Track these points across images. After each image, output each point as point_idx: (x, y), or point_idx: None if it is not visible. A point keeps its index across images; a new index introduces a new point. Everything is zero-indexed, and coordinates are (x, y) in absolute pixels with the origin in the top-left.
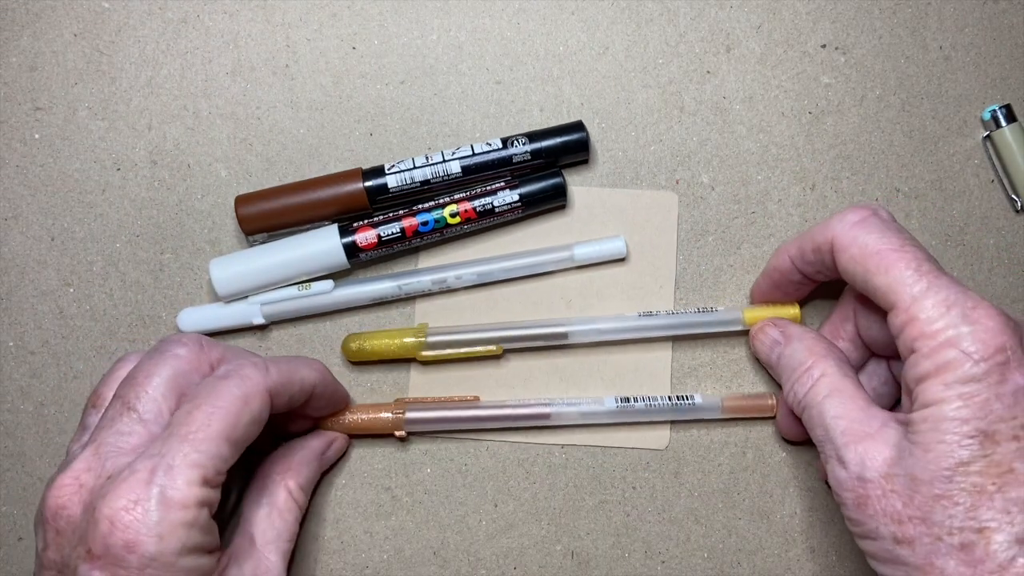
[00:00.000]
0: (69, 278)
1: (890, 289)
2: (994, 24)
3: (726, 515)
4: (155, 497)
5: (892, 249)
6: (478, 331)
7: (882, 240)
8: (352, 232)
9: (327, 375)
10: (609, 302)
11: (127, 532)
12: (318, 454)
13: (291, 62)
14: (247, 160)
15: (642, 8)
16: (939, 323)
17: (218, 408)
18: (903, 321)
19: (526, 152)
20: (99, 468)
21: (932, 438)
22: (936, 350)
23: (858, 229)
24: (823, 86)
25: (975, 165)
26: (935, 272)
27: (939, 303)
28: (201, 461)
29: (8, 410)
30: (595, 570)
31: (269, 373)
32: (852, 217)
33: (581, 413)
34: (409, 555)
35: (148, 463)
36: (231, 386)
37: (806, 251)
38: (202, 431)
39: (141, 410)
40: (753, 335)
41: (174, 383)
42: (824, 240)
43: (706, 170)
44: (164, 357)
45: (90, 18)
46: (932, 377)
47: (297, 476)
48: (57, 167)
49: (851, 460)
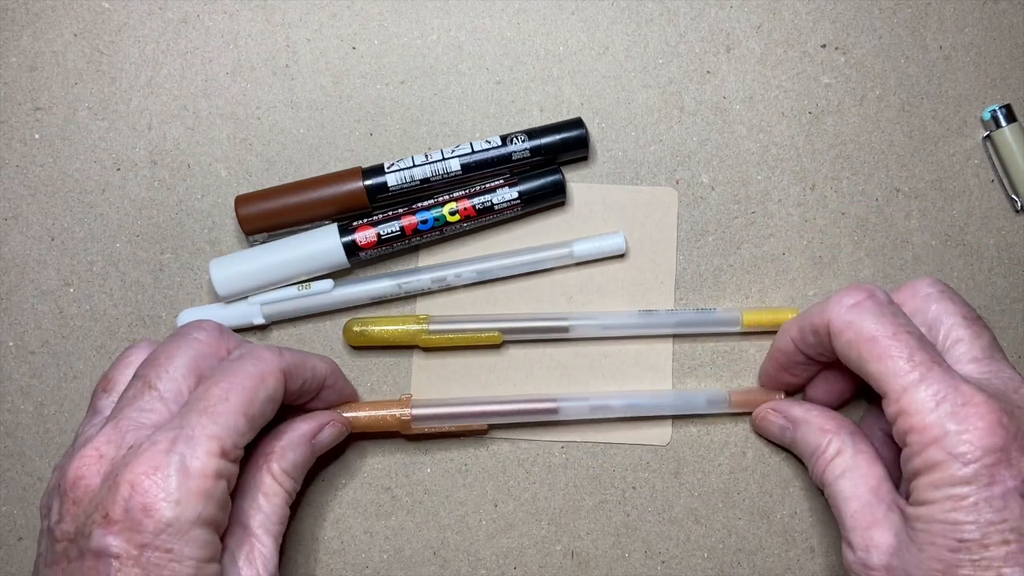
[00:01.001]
0: (69, 278)
1: (882, 377)
2: (994, 24)
3: (726, 515)
4: (175, 464)
5: (885, 336)
6: (480, 320)
7: (877, 326)
8: (352, 231)
9: (338, 370)
10: (609, 299)
11: (146, 496)
12: (307, 437)
13: (291, 62)
14: (247, 160)
15: (642, 8)
16: (928, 418)
17: (235, 384)
18: (894, 412)
19: (525, 149)
20: (119, 441)
21: (924, 539)
22: (925, 447)
23: (853, 313)
24: (823, 86)
25: (975, 165)
26: (928, 362)
27: (929, 397)
28: (219, 433)
29: (8, 410)
30: (595, 570)
31: (283, 356)
32: (848, 300)
33: (591, 407)
34: (409, 555)
35: (168, 434)
36: (247, 364)
37: (806, 333)
38: (220, 405)
39: (162, 388)
40: (757, 422)
41: (194, 364)
42: (821, 323)
43: (706, 170)
44: (185, 340)
45: (90, 18)
46: (922, 475)
47: (281, 459)
48: (57, 167)
49: (858, 544)
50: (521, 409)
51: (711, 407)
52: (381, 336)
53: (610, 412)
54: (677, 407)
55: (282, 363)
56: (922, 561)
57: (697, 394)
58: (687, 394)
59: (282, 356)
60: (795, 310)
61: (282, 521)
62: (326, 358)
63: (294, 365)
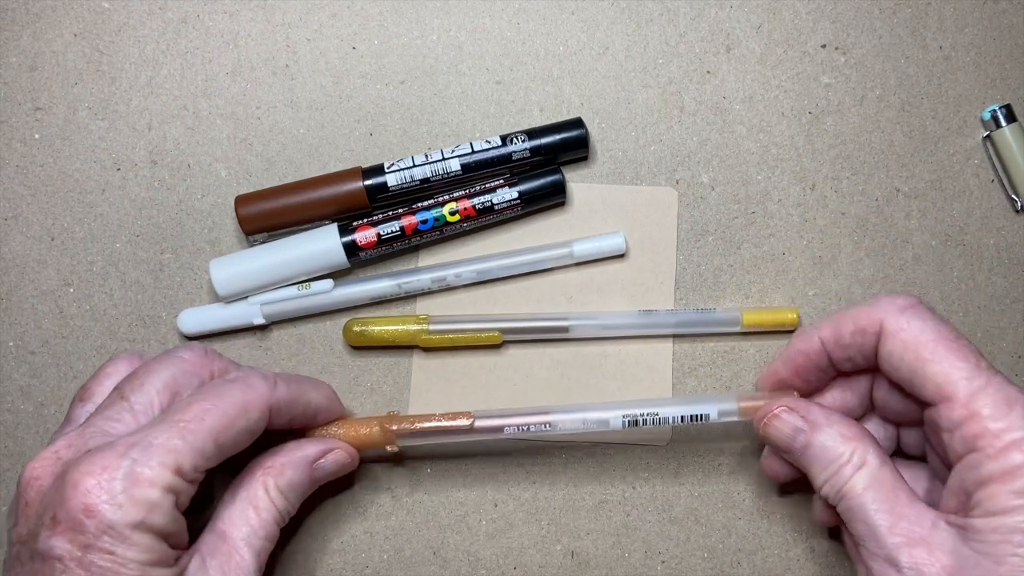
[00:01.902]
0: (69, 278)
1: (947, 379)
2: (994, 24)
3: (726, 515)
4: (124, 468)
5: (950, 338)
6: (480, 320)
7: (938, 328)
8: (352, 231)
9: (335, 402)
10: (609, 299)
11: (88, 496)
12: (308, 460)
13: (291, 62)
14: (247, 160)
15: (642, 8)
16: (1003, 422)
17: (216, 406)
18: (961, 416)
19: (525, 149)
20: (80, 444)
21: (1004, 550)
22: (1002, 452)
23: (910, 315)
24: (823, 86)
25: (975, 165)
26: (991, 368)
27: (1000, 401)
28: (181, 449)
29: (8, 410)
30: (595, 570)
31: (276, 388)
32: (900, 302)
33: (584, 420)
34: (409, 555)
35: (127, 439)
36: (234, 389)
37: (843, 334)
38: (193, 423)
39: (133, 400)
40: (766, 421)
41: (171, 381)
42: (870, 322)
43: (706, 170)
44: (169, 358)
45: (90, 18)
46: (998, 482)
47: (279, 476)
48: (57, 167)
49: (906, 565)
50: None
51: (721, 416)
52: (381, 336)
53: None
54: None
55: (272, 397)
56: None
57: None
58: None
59: (275, 389)
60: (795, 310)
61: (268, 538)
62: (325, 388)
63: (286, 401)
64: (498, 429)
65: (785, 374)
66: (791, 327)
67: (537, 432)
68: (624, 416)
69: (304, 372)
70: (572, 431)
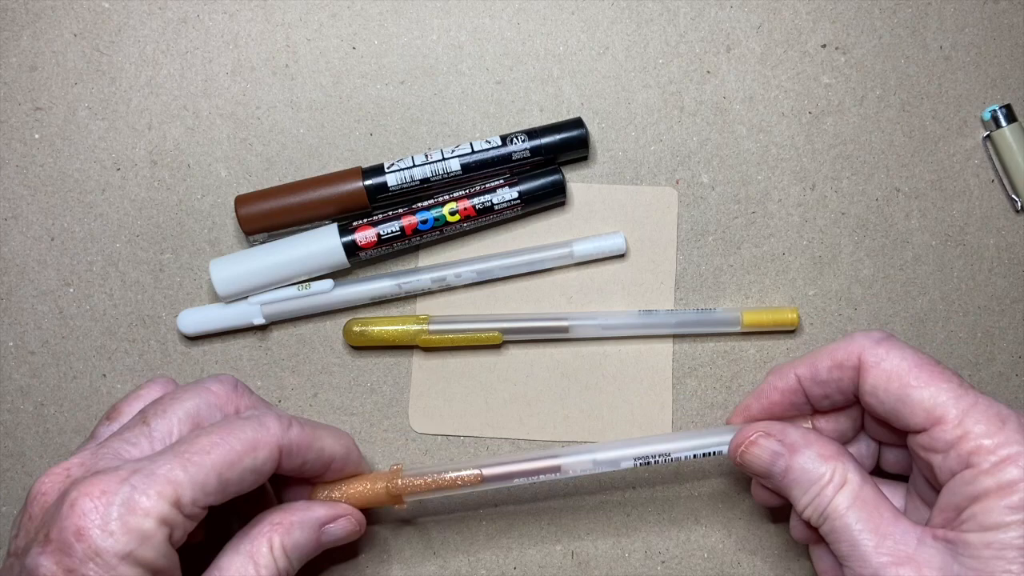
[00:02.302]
0: (69, 278)
1: (936, 402)
2: (994, 24)
3: (726, 515)
4: (122, 494)
5: (932, 364)
6: (480, 320)
7: (916, 356)
8: (352, 231)
9: (353, 451)
10: (609, 299)
11: (82, 519)
12: (318, 523)
13: (291, 62)
14: (247, 160)
15: (642, 8)
16: (997, 438)
17: (224, 441)
18: (955, 436)
19: (525, 149)
20: (91, 464)
21: (997, 566)
22: (997, 467)
23: (888, 346)
24: (823, 86)
25: (975, 165)
26: (975, 388)
27: (992, 417)
28: (181, 480)
29: (8, 410)
30: (595, 570)
31: (290, 431)
32: (876, 335)
33: (594, 462)
34: (409, 555)
35: (132, 465)
36: (246, 427)
37: (820, 370)
38: (198, 455)
39: (153, 425)
40: (743, 448)
41: (195, 411)
42: (847, 356)
43: (706, 170)
44: (197, 388)
45: (90, 18)
46: (993, 497)
47: (285, 535)
48: (57, 167)
49: None
50: (519, 471)
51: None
52: (381, 336)
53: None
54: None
55: (284, 439)
56: None
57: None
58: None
59: (288, 431)
60: (795, 310)
61: None
62: (345, 437)
63: (298, 445)
64: (508, 477)
65: (757, 411)
66: (791, 327)
67: (548, 479)
68: (636, 458)
69: (304, 372)
70: (583, 473)
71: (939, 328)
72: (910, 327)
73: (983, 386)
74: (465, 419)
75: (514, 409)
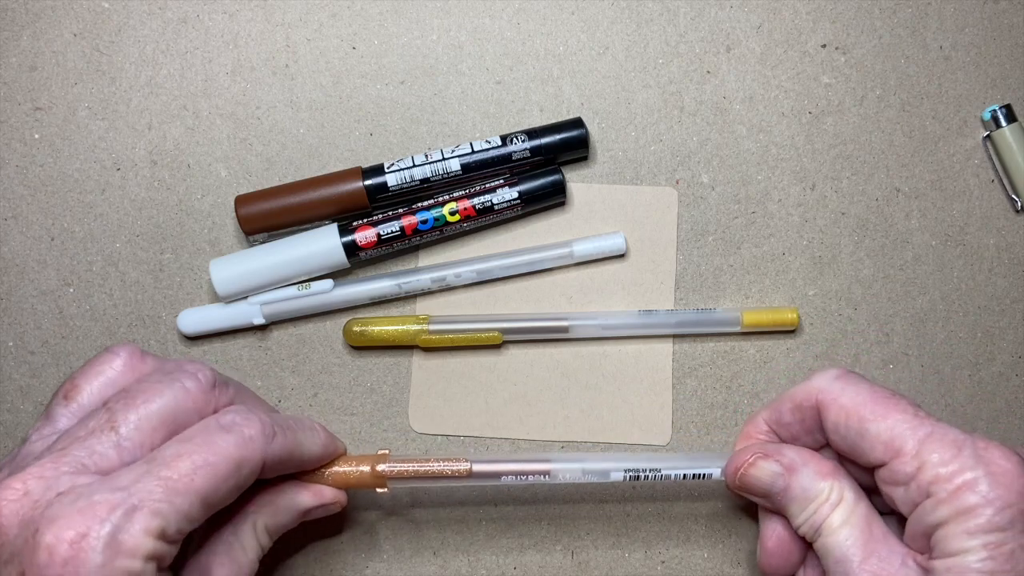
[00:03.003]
0: (69, 278)
1: (893, 435)
2: (994, 24)
3: (726, 515)
4: (104, 537)
5: (886, 397)
6: (480, 320)
7: (872, 389)
8: (352, 231)
9: (329, 447)
10: (610, 299)
11: (66, 568)
12: (302, 510)
13: (291, 62)
14: (247, 160)
15: (642, 8)
16: (953, 465)
17: (208, 463)
18: (913, 468)
19: (525, 149)
20: (52, 479)
21: None
22: (955, 495)
23: (843, 382)
24: (823, 86)
25: (975, 165)
26: (930, 416)
27: (948, 444)
28: (166, 513)
29: (8, 410)
30: (595, 570)
31: (273, 443)
32: (833, 372)
33: (584, 471)
34: (409, 555)
35: (110, 497)
36: (230, 445)
37: (783, 412)
38: (183, 481)
39: (123, 434)
40: (743, 471)
41: (170, 417)
42: (806, 397)
43: (706, 170)
44: (171, 385)
45: (90, 18)
46: (952, 523)
47: (270, 518)
48: (57, 167)
49: None
50: (508, 470)
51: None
52: (381, 336)
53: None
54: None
55: (268, 452)
56: None
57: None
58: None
59: (271, 443)
60: (795, 310)
61: (251, 575)
62: (320, 434)
63: (280, 456)
64: (495, 476)
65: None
66: (791, 327)
67: (536, 481)
68: (626, 470)
69: (304, 372)
70: (571, 480)
71: (939, 328)
72: (910, 327)
73: (983, 386)
74: (465, 419)
75: (514, 409)
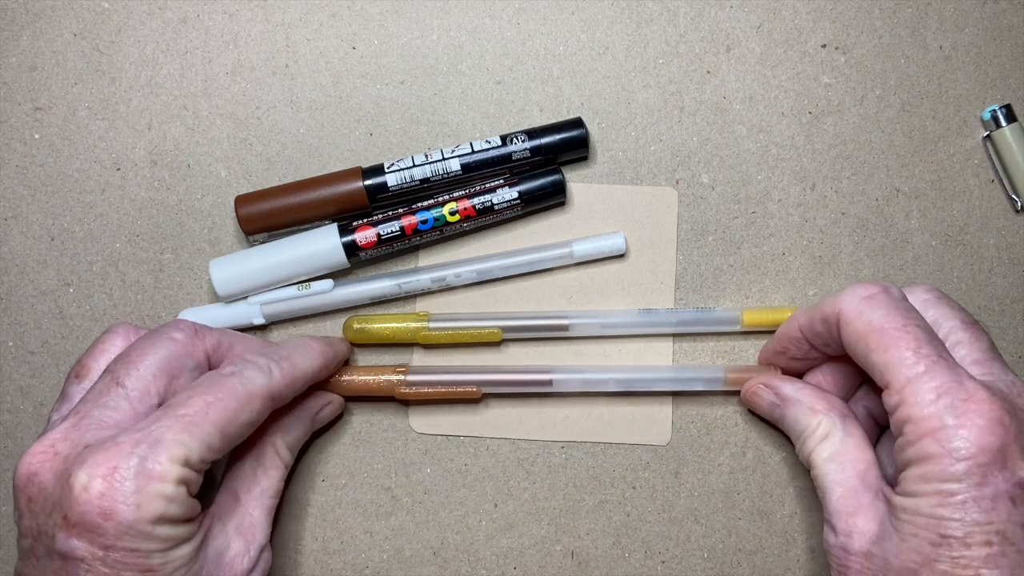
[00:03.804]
0: (69, 278)
1: (887, 368)
2: (994, 24)
3: (726, 515)
4: (134, 467)
5: (895, 327)
6: (480, 319)
7: (887, 318)
8: (352, 231)
9: (328, 353)
10: (609, 299)
11: (103, 500)
12: (312, 414)
13: (291, 62)
14: (247, 160)
15: (642, 8)
16: (927, 410)
17: (219, 399)
18: (895, 402)
19: (525, 149)
20: (77, 438)
21: (907, 529)
22: (920, 439)
23: (865, 304)
24: (823, 86)
25: (975, 165)
26: (935, 356)
27: (931, 389)
28: (188, 443)
29: (8, 410)
30: (595, 570)
31: (272, 377)
32: (862, 292)
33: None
34: (409, 555)
35: (132, 436)
36: (235, 383)
37: (815, 321)
38: (199, 416)
39: (129, 387)
40: (747, 396)
41: (166, 364)
42: (832, 312)
43: (706, 170)
44: (160, 338)
45: (90, 18)
46: (913, 466)
47: (285, 434)
48: (57, 167)
49: (840, 529)
50: (517, 379)
51: (708, 385)
52: (381, 333)
53: (605, 386)
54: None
55: (271, 388)
56: (902, 552)
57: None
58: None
59: (271, 379)
60: (795, 309)
61: (276, 495)
62: (316, 346)
63: (282, 389)
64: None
65: (772, 353)
66: None
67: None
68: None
69: None
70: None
71: None
72: None
73: None
74: (465, 419)
75: (514, 409)
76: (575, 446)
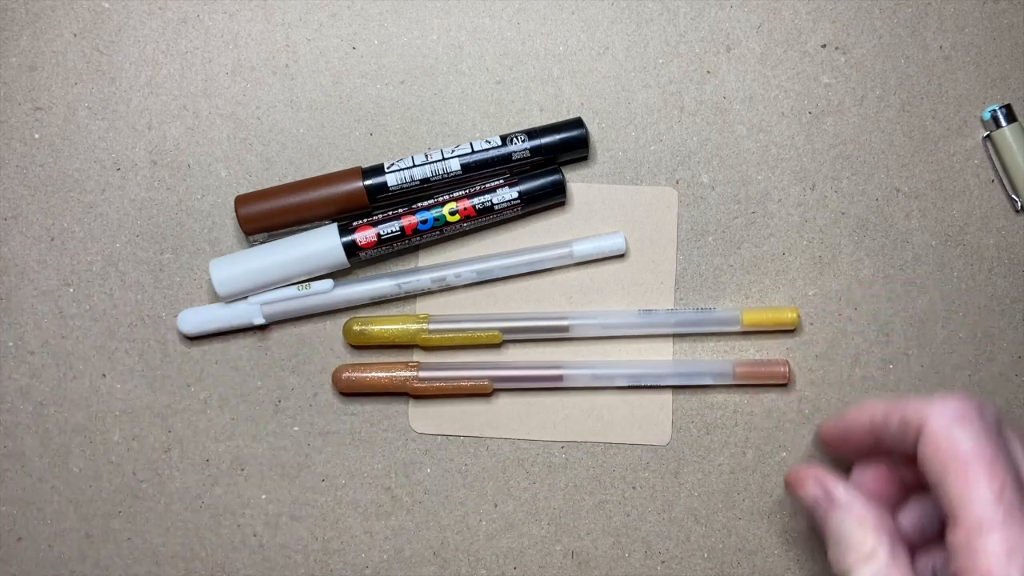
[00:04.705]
0: (69, 278)
1: (962, 502)
2: (994, 24)
3: (726, 515)
4: None
5: (981, 459)
6: (480, 320)
7: (975, 446)
8: (352, 231)
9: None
10: (609, 299)
11: None
12: None
13: (291, 62)
14: (247, 160)
15: (642, 8)
16: (993, 566)
17: None
18: (960, 542)
19: (525, 149)
20: None
21: None
22: None
23: (955, 424)
24: (823, 86)
25: (975, 165)
26: (1015, 504)
27: (1001, 541)
28: None
29: (8, 410)
30: (595, 570)
31: None
32: (954, 407)
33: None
34: (409, 555)
35: None
36: None
37: (892, 421)
38: None
39: None
40: (791, 482)
41: None
42: (915, 418)
43: (706, 170)
44: None
45: (90, 18)
46: None
47: None
48: (57, 167)
49: None
50: (527, 375)
51: (717, 379)
52: (381, 335)
53: (615, 381)
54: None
55: None
56: None
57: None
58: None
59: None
60: (795, 310)
61: None
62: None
63: None
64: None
65: (838, 431)
66: (791, 327)
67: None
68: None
69: (304, 372)
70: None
71: (939, 328)
72: (910, 327)
73: (983, 386)
74: (465, 419)
75: (514, 409)
76: (575, 446)
